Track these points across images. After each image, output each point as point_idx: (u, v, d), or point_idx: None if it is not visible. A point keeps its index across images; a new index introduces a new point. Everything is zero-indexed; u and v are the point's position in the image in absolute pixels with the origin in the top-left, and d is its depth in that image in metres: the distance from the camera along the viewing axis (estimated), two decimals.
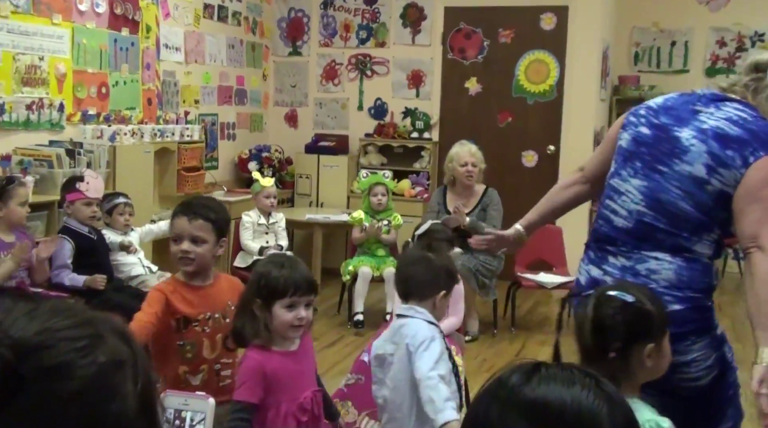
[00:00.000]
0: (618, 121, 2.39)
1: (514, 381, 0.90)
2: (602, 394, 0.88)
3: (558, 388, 0.88)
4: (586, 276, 2.25)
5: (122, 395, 0.75)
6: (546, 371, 0.90)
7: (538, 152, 6.70)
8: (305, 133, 7.28)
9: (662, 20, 7.48)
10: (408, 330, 2.34)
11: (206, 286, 2.50)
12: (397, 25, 7.03)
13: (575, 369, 0.92)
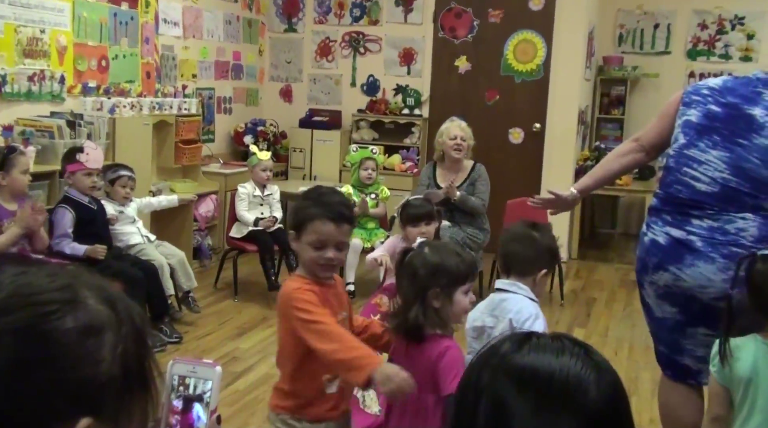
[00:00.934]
0: (675, 98, 2.56)
1: (506, 348, 0.91)
2: (591, 363, 0.88)
3: (547, 356, 0.88)
4: (666, 238, 2.42)
5: (93, 361, 0.74)
6: (537, 340, 0.91)
7: (525, 129, 6.68)
8: (299, 108, 7.23)
9: (646, 3, 7.43)
10: (511, 305, 2.30)
11: (333, 285, 2.19)
12: (389, 3, 6.96)
13: (566, 339, 0.92)
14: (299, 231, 2.08)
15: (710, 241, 2.33)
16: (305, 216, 2.08)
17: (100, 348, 0.75)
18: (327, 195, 2.15)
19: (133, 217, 4.53)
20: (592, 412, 0.85)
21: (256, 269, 5.29)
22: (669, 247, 2.39)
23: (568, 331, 4.69)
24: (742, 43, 7.21)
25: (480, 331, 2.36)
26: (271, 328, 4.61)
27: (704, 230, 2.35)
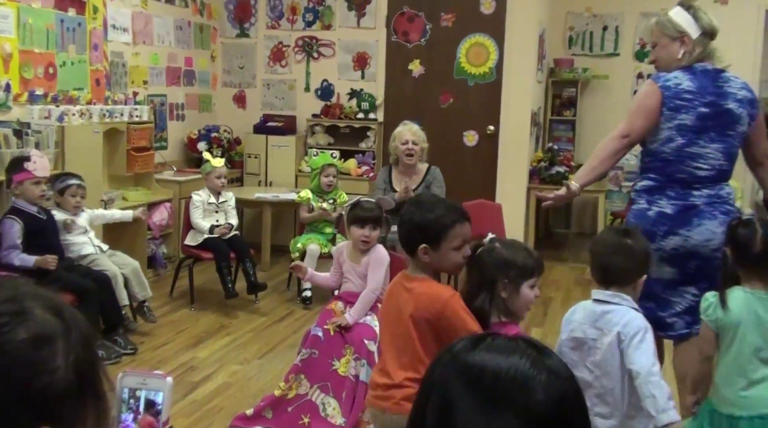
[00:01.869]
0: (652, 96, 2.89)
1: (459, 347, 0.93)
2: (542, 365, 0.89)
3: (497, 356, 0.89)
4: (674, 207, 2.88)
5: (49, 370, 0.74)
6: (492, 341, 0.92)
7: (479, 132, 6.73)
8: (253, 113, 7.17)
9: (594, 5, 7.56)
10: (617, 318, 2.29)
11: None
12: (342, 8, 6.95)
13: (522, 341, 0.92)
14: (438, 241, 2.21)
15: (710, 203, 2.87)
16: (445, 225, 2.22)
17: (54, 357, 0.75)
18: (438, 201, 2.42)
19: (85, 227, 4.43)
20: (537, 414, 0.86)
21: (213, 277, 5.23)
22: (678, 214, 2.87)
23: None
24: None
25: (580, 342, 2.36)
26: (229, 336, 4.56)
27: (704, 197, 2.88)
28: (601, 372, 2.30)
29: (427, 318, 2.19)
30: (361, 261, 3.49)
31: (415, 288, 2.25)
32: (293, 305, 5.22)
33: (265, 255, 6.09)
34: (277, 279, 5.80)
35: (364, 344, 3.28)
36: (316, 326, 3.41)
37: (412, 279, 2.29)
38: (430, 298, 2.20)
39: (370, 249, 3.49)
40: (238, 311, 5.04)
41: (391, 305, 2.34)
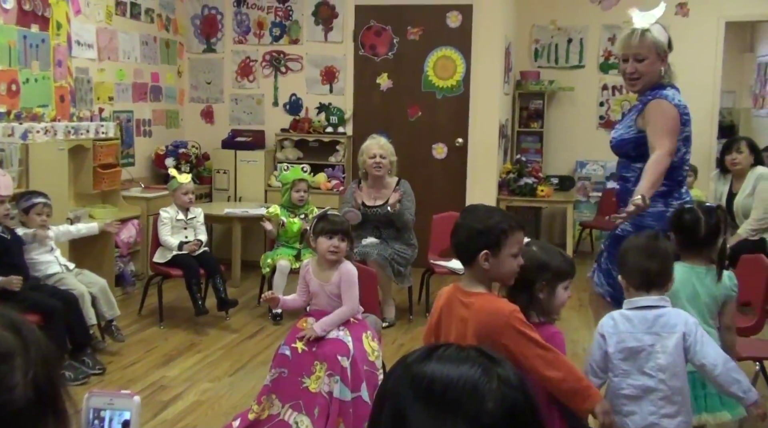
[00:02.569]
0: (677, 117, 3.23)
1: (412, 358, 0.94)
2: (493, 373, 0.89)
3: (448, 366, 0.90)
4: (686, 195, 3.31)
5: (7, 387, 0.74)
6: (444, 351, 0.93)
7: (447, 144, 6.76)
8: (221, 128, 7.14)
9: (559, 19, 7.66)
10: (674, 320, 2.41)
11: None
12: (309, 22, 6.96)
13: (474, 351, 0.93)
14: (498, 246, 2.24)
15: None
16: (505, 230, 2.25)
17: (12, 374, 0.74)
18: (493, 209, 2.54)
19: (51, 246, 4.36)
20: (488, 422, 0.86)
21: (182, 294, 5.17)
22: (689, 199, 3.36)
23: None
24: None
25: (634, 351, 2.42)
26: (199, 354, 4.50)
27: (688, 194, 3.36)
28: (668, 375, 2.38)
29: (489, 333, 2.18)
30: (330, 279, 3.41)
31: (473, 303, 2.25)
32: (264, 321, 5.18)
33: (235, 271, 6.04)
34: (248, 295, 5.76)
35: (337, 360, 3.24)
36: (284, 344, 3.37)
37: (470, 295, 2.29)
38: (490, 314, 2.22)
39: (337, 262, 3.44)
40: (208, 328, 4.98)
41: (450, 320, 2.32)
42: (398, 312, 5.26)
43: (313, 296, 3.47)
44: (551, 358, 2.19)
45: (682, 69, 7.86)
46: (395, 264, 5.04)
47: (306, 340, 3.32)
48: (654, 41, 3.16)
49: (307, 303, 3.53)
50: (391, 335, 4.86)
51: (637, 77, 3.21)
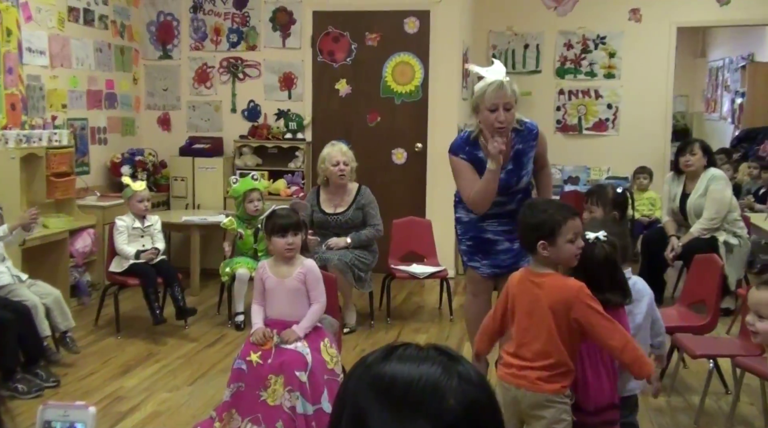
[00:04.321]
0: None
1: (371, 359, 0.93)
2: (453, 371, 0.89)
3: (408, 365, 0.90)
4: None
5: None
6: (403, 351, 0.93)
7: (407, 150, 6.78)
8: (179, 135, 7.06)
9: (516, 24, 7.74)
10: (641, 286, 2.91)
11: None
12: (267, 28, 6.93)
13: (433, 349, 0.93)
14: (553, 236, 2.52)
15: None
16: (557, 221, 2.54)
17: None
18: (549, 202, 2.83)
19: (2, 255, 4.26)
20: (449, 420, 0.86)
21: (140, 304, 5.10)
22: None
23: (459, 345, 4.76)
24: (605, 61, 7.63)
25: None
26: (157, 363, 4.44)
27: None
28: (641, 334, 2.78)
29: (562, 308, 2.48)
30: (289, 274, 3.37)
31: (545, 282, 2.55)
32: (224, 329, 5.13)
33: (194, 280, 5.98)
34: (208, 303, 5.70)
35: (295, 375, 3.21)
36: (239, 358, 3.33)
37: (540, 276, 2.58)
38: (561, 290, 2.51)
39: (294, 258, 3.41)
40: (167, 337, 4.92)
41: (524, 299, 2.60)
42: (359, 317, 5.25)
43: (268, 296, 3.42)
44: (613, 329, 2.46)
45: (636, 74, 8.08)
46: (356, 270, 5.03)
47: (282, 344, 3.28)
48: (516, 92, 3.53)
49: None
50: (352, 341, 4.84)
51: (507, 123, 3.53)
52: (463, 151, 3.69)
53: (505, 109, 3.49)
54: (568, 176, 7.72)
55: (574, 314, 2.46)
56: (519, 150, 3.69)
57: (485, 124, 3.54)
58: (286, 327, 3.34)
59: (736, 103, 9.97)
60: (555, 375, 2.51)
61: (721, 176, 5.47)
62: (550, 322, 2.49)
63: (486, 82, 3.53)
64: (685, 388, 4.06)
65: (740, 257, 5.33)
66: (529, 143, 3.70)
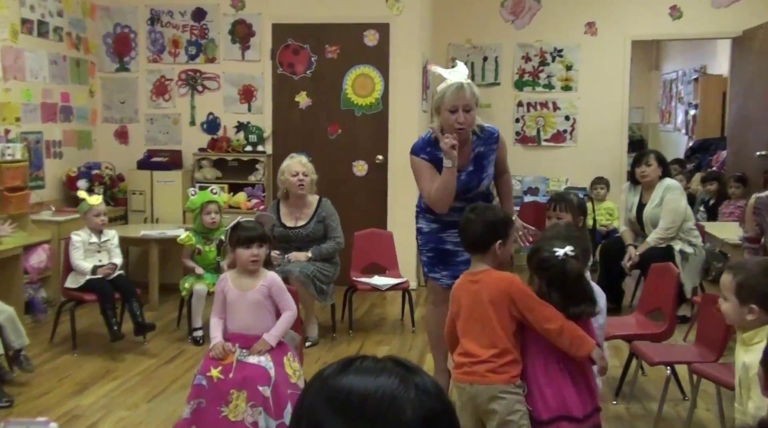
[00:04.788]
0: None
1: (328, 372, 0.92)
2: (410, 383, 0.89)
3: (365, 378, 0.89)
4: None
5: None
6: (360, 363, 0.92)
7: (368, 162, 6.79)
8: (137, 149, 6.98)
9: (475, 37, 7.83)
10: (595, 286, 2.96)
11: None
12: (226, 41, 6.90)
13: (390, 361, 0.93)
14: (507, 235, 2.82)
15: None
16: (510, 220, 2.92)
17: None
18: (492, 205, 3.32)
19: None
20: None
21: (97, 320, 5.01)
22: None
23: (421, 356, 4.77)
24: (562, 74, 7.75)
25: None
26: (115, 381, 4.36)
27: None
28: (602, 333, 2.96)
29: (502, 299, 2.62)
30: (252, 287, 3.36)
31: (482, 278, 2.72)
32: (184, 344, 5.06)
33: (153, 295, 5.89)
34: (167, 318, 5.62)
35: (258, 390, 3.18)
36: (199, 374, 3.29)
37: (477, 273, 2.76)
38: (497, 281, 2.67)
39: (258, 270, 3.39)
40: (125, 354, 4.84)
41: (466, 299, 2.74)
42: (321, 330, 5.22)
43: (230, 309, 3.39)
44: (550, 314, 2.58)
45: (593, 86, 8.21)
46: (318, 282, 5.01)
47: (249, 356, 3.26)
48: (475, 94, 3.59)
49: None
50: (314, 354, 4.82)
51: (467, 125, 3.57)
52: (424, 151, 3.71)
53: (464, 111, 3.53)
54: (528, 187, 7.81)
55: (514, 302, 2.61)
56: (480, 153, 3.73)
57: (445, 124, 3.58)
58: (248, 340, 3.31)
59: (689, 115, 10.20)
60: (503, 365, 2.62)
61: (676, 186, 5.59)
62: (492, 314, 2.63)
63: (447, 84, 3.57)
64: (644, 395, 4.12)
65: (695, 265, 5.44)
66: (490, 146, 3.75)
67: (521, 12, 7.75)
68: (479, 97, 3.66)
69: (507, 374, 2.61)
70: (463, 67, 3.68)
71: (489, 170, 3.77)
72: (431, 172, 3.67)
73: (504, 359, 2.62)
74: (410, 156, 3.77)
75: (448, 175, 3.55)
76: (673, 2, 7.52)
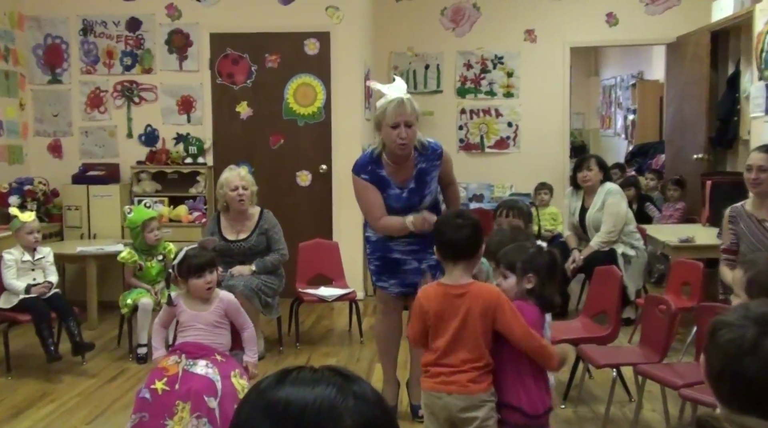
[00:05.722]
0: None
1: (264, 385, 0.93)
2: (348, 391, 0.90)
3: (302, 389, 0.90)
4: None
5: None
6: (297, 374, 0.93)
7: (312, 172, 6.78)
8: (72, 163, 6.82)
9: (416, 45, 7.90)
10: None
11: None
12: (162, 51, 6.81)
13: (327, 371, 0.94)
14: (482, 244, 2.81)
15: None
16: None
17: None
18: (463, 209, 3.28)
19: None
20: None
21: (33, 341, 4.86)
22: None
23: (369, 367, 4.77)
24: (503, 81, 7.87)
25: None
26: (53, 403, 4.24)
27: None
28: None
29: (488, 312, 2.63)
30: (206, 309, 3.38)
31: (470, 290, 2.69)
32: (125, 363, 4.95)
33: (91, 313, 5.76)
34: (107, 336, 5.49)
35: (204, 401, 3.14)
36: (144, 387, 3.24)
37: (461, 287, 2.71)
38: (487, 295, 2.66)
39: (213, 295, 3.42)
40: (62, 375, 4.71)
41: (448, 314, 2.69)
42: (268, 344, 5.18)
43: (183, 327, 3.38)
44: (528, 333, 2.64)
45: (534, 93, 8.36)
46: (262, 295, 4.96)
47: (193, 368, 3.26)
48: (416, 109, 3.61)
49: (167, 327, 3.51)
50: (261, 369, 4.72)
51: (407, 142, 3.59)
52: (365, 170, 3.71)
53: (406, 126, 3.56)
54: (473, 194, 7.89)
55: (498, 316, 2.63)
56: (422, 169, 3.74)
57: (387, 140, 3.60)
58: (202, 350, 3.30)
59: (628, 120, 10.48)
60: (482, 374, 2.68)
61: (617, 190, 5.72)
62: (477, 328, 2.65)
63: (387, 100, 3.59)
64: (591, 398, 4.19)
65: (638, 268, 5.58)
66: (433, 163, 3.76)
67: (461, 20, 7.85)
68: (419, 113, 3.69)
69: (485, 382, 2.68)
70: (401, 81, 3.69)
71: (431, 186, 3.78)
72: (374, 193, 3.68)
73: (485, 369, 2.68)
74: (352, 174, 3.77)
75: (401, 228, 3.63)
76: (609, 9, 7.73)
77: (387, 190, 3.70)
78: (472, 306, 2.66)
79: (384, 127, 3.59)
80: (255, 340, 3.54)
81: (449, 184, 3.94)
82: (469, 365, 2.66)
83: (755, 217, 3.85)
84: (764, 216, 3.84)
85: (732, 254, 3.89)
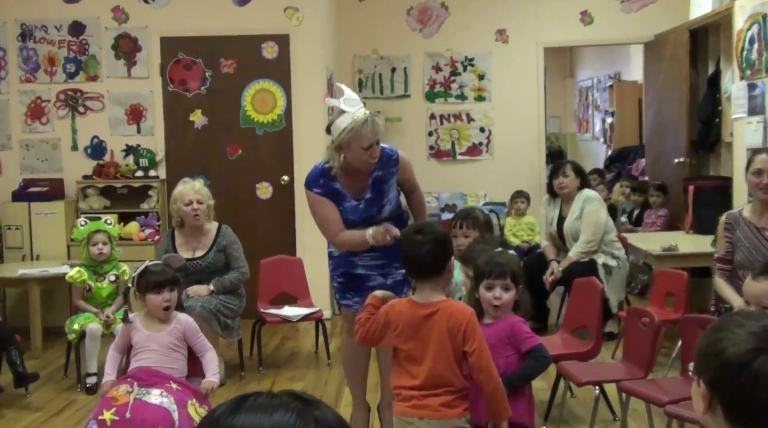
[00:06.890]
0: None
1: (218, 412, 0.92)
2: (309, 416, 0.90)
3: (259, 416, 0.90)
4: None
5: None
6: (254, 400, 0.93)
7: (273, 183, 6.76)
8: (11, 179, 6.72)
9: (381, 47, 7.94)
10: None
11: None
12: (109, 56, 6.76)
13: (286, 396, 0.94)
14: (452, 254, 2.81)
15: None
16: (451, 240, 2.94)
17: None
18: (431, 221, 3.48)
19: None
20: None
21: None
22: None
23: (337, 391, 4.76)
24: (474, 83, 7.94)
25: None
26: None
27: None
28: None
29: (457, 332, 2.64)
30: (164, 329, 3.41)
31: (441, 308, 2.69)
32: (73, 394, 4.88)
33: (35, 341, 5.67)
34: (52, 366, 5.41)
35: None
36: (92, 419, 3.21)
37: (431, 305, 2.71)
38: (458, 315, 2.67)
39: (170, 315, 3.43)
40: (4, 409, 4.63)
41: (418, 333, 2.70)
42: (228, 369, 5.14)
43: (137, 349, 3.38)
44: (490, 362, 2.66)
45: (507, 96, 8.43)
46: (222, 317, 4.93)
47: (210, 392, 3.40)
48: (381, 127, 3.65)
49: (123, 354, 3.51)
50: (221, 396, 4.70)
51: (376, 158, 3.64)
52: (317, 184, 3.72)
53: (377, 143, 3.59)
54: (445, 204, 7.93)
55: (467, 338, 2.64)
56: (378, 177, 3.73)
57: (356, 161, 3.59)
58: (156, 376, 3.28)
59: (606, 123, 10.62)
60: (456, 399, 2.68)
61: (595, 197, 5.79)
62: (448, 348, 2.65)
63: (353, 119, 3.53)
64: (574, 418, 4.22)
65: (620, 279, 5.64)
66: (389, 170, 3.76)
67: (428, 20, 7.91)
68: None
69: (459, 407, 2.67)
70: (350, 92, 3.69)
71: (390, 194, 3.79)
72: (329, 207, 3.69)
73: (459, 393, 2.67)
74: (305, 189, 3.77)
75: (362, 243, 3.63)
76: (584, 7, 7.84)
77: (342, 203, 3.70)
78: (441, 325, 2.67)
79: (354, 148, 3.56)
80: (216, 361, 3.55)
81: (412, 191, 3.95)
82: (443, 389, 2.66)
83: (754, 225, 3.82)
84: (764, 225, 3.80)
85: (727, 263, 3.86)
